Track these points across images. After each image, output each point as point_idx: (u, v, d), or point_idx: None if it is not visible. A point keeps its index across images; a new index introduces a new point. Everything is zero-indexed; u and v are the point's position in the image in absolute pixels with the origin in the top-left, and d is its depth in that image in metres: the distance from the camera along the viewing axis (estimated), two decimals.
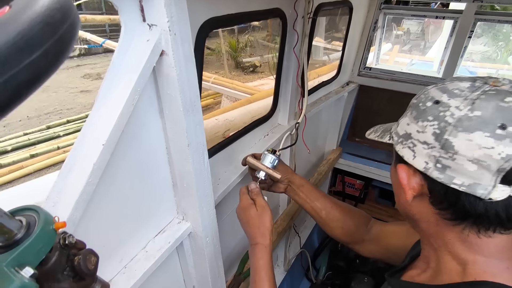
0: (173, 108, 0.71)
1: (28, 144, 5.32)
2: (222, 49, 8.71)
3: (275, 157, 0.95)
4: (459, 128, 0.46)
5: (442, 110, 0.49)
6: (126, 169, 0.71)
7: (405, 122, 0.56)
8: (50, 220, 0.43)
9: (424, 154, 0.50)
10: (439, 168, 0.48)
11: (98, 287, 0.54)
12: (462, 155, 0.46)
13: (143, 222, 0.81)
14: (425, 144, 0.50)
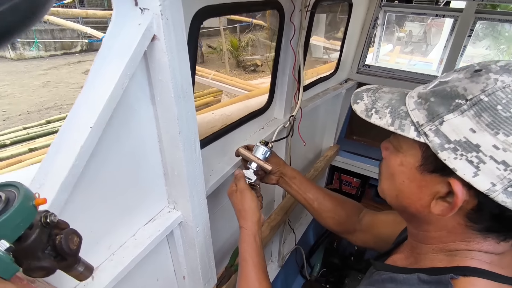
0: (164, 94, 0.71)
1: (27, 138, 5.32)
2: (223, 47, 8.70)
3: (267, 149, 0.95)
4: None
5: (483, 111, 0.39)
6: (115, 155, 0.70)
7: (463, 124, 0.42)
8: (30, 196, 0.42)
9: (495, 176, 0.40)
10: (509, 192, 0.40)
11: (81, 268, 0.54)
12: None
13: (133, 210, 0.81)
14: (503, 165, 0.39)
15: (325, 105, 1.94)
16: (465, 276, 0.46)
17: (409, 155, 0.50)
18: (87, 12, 4.14)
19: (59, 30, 11.21)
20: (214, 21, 8.84)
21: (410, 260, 0.58)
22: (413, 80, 2.00)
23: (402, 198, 0.54)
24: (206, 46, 11.20)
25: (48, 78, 9.19)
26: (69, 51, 11.74)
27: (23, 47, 10.60)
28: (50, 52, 11.35)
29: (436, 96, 0.46)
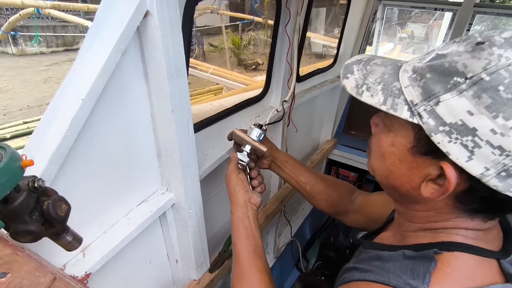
0: (157, 72, 0.71)
1: (27, 132, 5.33)
2: (225, 45, 8.71)
3: (261, 131, 0.95)
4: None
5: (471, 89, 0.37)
6: (108, 131, 0.70)
7: (460, 105, 0.39)
8: (17, 157, 0.42)
9: (490, 160, 0.39)
10: (501, 177, 0.39)
11: (69, 238, 0.54)
12: None
13: (126, 190, 0.81)
14: (499, 150, 0.38)
15: (322, 98, 1.94)
16: (449, 251, 0.46)
17: (401, 135, 0.48)
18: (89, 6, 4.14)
19: (61, 27, 11.22)
20: (216, 19, 8.86)
21: (397, 237, 0.58)
22: None
23: (392, 179, 0.53)
24: (207, 45, 11.21)
25: (49, 74, 9.20)
26: (71, 48, 11.75)
27: (25, 43, 10.62)
28: (51, 49, 11.37)
29: (433, 72, 0.42)
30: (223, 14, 8.16)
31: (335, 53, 1.99)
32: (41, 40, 10.45)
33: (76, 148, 0.63)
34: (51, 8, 4.06)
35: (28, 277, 0.42)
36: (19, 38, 10.31)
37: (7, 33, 5.34)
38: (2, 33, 5.10)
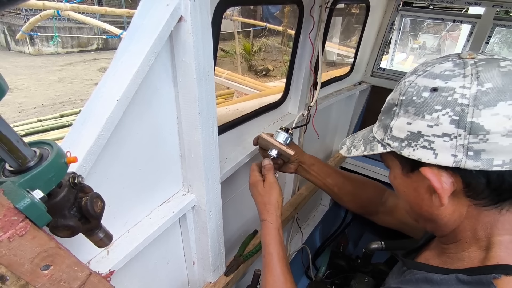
0: (186, 75, 0.73)
1: (41, 130, 5.44)
2: (236, 50, 8.78)
3: (288, 135, 0.96)
4: (480, 106, 0.43)
5: (447, 95, 0.45)
6: (137, 132, 0.72)
7: (401, 123, 0.51)
8: (63, 154, 0.44)
9: (449, 147, 0.45)
10: (472, 156, 0.44)
11: (101, 234, 0.55)
12: (495, 132, 0.42)
13: (149, 190, 0.82)
14: (445, 137, 0.45)
15: (338, 106, 1.94)
16: (507, 275, 0.45)
17: (394, 167, 0.57)
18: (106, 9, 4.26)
19: (76, 28, 11.49)
20: (228, 24, 8.96)
21: (443, 259, 0.56)
22: None
23: (413, 207, 0.57)
24: (219, 49, 11.32)
25: (63, 73, 9.40)
26: (85, 49, 12.00)
27: (42, 43, 10.89)
28: (67, 49, 11.62)
29: (383, 113, 0.58)
30: (236, 20, 8.25)
31: (347, 61, 1.99)
32: (59, 40, 10.71)
33: (108, 147, 0.65)
34: (70, 10, 4.18)
35: (68, 271, 0.43)
36: (36, 38, 10.58)
37: (27, 33, 5.49)
38: (22, 33, 5.25)
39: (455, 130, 0.44)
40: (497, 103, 0.42)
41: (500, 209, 0.47)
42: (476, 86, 0.44)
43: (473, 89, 0.44)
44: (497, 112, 0.42)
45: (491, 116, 0.42)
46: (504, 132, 0.42)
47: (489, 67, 0.44)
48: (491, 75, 0.43)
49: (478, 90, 0.43)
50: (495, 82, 0.43)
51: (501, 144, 0.42)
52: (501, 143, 0.42)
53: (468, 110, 0.43)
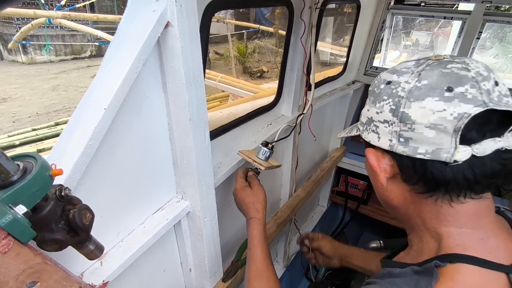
0: (176, 81, 0.72)
1: (36, 139, 5.39)
2: (230, 53, 8.79)
3: (267, 150, 1.03)
4: (411, 99, 0.48)
5: (394, 88, 0.51)
6: (127, 140, 0.71)
7: (365, 109, 0.58)
8: (47, 167, 0.43)
9: (387, 133, 0.51)
10: (402, 142, 0.50)
11: (92, 246, 0.54)
12: (420, 123, 0.47)
13: (142, 198, 0.81)
14: (385, 123, 0.51)
15: (332, 106, 1.94)
16: (452, 263, 0.47)
17: None
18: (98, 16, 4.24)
19: (69, 36, 11.44)
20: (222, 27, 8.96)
21: (412, 254, 0.59)
22: None
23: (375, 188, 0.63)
24: (213, 53, 11.32)
25: (57, 81, 9.35)
26: (79, 56, 11.95)
27: (35, 51, 10.83)
28: (60, 57, 11.57)
29: None
30: (229, 23, 8.25)
31: (340, 61, 2.00)
32: (52, 48, 10.65)
33: (97, 157, 0.64)
34: (62, 18, 4.15)
35: (56, 287, 0.42)
36: (29, 47, 10.52)
37: (19, 42, 5.46)
38: (14, 42, 5.21)
39: (392, 118, 0.50)
40: (426, 98, 0.46)
41: (435, 200, 0.51)
42: (415, 82, 0.48)
43: (411, 84, 0.49)
44: (424, 106, 0.46)
45: (419, 109, 0.47)
46: (427, 124, 0.46)
47: (435, 67, 0.48)
48: (431, 74, 0.47)
49: (414, 86, 0.48)
50: (430, 80, 0.47)
51: (425, 135, 0.47)
52: (425, 134, 0.47)
53: (402, 102, 0.49)
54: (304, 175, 1.81)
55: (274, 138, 1.16)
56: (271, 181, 1.47)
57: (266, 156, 1.03)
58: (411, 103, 0.48)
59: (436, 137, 0.46)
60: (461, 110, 0.44)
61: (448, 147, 0.45)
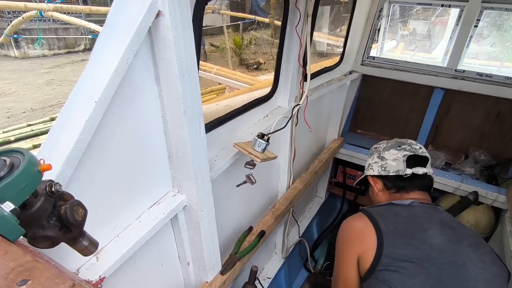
0: (169, 72, 0.70)
1: (32, 135, 5.34)
2: (226, 45, 8.68)
3: (263, 141, 1.02)
4: (384, 151, 1.11)
5: (377, 149, 1.15)
6: (120, 134, 0.70)
7: (367, 162, 1.18)
8: (35, 162, 0.42)
9: (376, 167, 1.11)
10: (382, 170, 1.09)
11: (86, 242, 0.53)
12: (389, 159, 1.08)
13: (137, 193, 0.80)
14: (375, 164, 1.13)
15: (329, 97, 1.93)
16: None
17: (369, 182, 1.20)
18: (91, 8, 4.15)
19: (62, 29, 11.24)
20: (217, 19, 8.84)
21: None
22: (418, 71, 1.98)
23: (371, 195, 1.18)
24: (209, 45, 11.19)
25: (51, 76, 9.21)
26: (73, 50, 11.77)
27: (27, 45, 10.65)
28: (54, 51, 11.39)
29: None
30: (224, 14, 8.13)
31: (337, 51, 1.97)
32: (44, 42, 10.47)
33: (89, 151, 0.63)
34: (53, 11, 4.07)
35: (48, 284, 0.41)
36: (21, 41, 10.34)
37: (10, 36, 5.35)
38: (5, 36, 5.11)
39: (377, 160, 1.12)
40: (390, 150, 1.10)
41: (395, 192, 1.06)
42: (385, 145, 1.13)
43: (384, 146, 1.13)
44: (390, 152, 1.09)
45: (388, 154, 1.09)
46: (392, 159, 1.07)
47: (394, 145, 1.11)
48: (391, 143, 1.12)
49: (385, 147, 1.13)
50: (391, 144, 1.11)
51: (391, 164, 1.07)
52: (391, 163, 1.07)
53: (381, 152, 1.11)
54: (301, 166, 1.80)
55: (271, 130, 1.14)
56: (269, 173, 1.46)
57: (262, 148, 1.02)
58: (385, 152, 1.11)
59: (397, 165, 1.06)
60: (404, 153, 1.06)
61: (402, 169, 1.05)
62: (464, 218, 1.79)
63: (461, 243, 0.87)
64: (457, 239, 0.88)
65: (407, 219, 0.92)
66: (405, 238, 0.87)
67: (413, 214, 0.93)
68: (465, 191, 1.81)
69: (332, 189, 2.41)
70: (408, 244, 0.85)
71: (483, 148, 2.08)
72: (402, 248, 0.85)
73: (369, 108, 2.33)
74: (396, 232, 0.88)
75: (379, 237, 0.87)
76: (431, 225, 0.90)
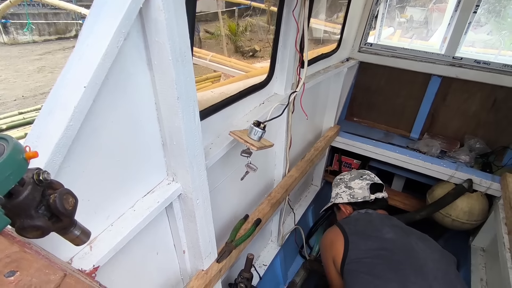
0: (161, 57, 0.67)
1: (24, 123, 5.25)
2: (221, 31, 8.52)
3: (259, 129, 1.00)
4: (350, 181, 1.42)
5: (342, 179, 1.47)
6: (111, 121, 0.67)
7: (334, 192, 1.45)
8: (20, 149, 0.40)
9: (345, 195, 1.39)
10: (351, 197, 1.38)
11: (77, 232, 0.52)
12: (355, 188, 1.39)
13: (131, 181, 0.79)
14: (343, 192, 1.40)
15: (326, 84, 1.90)
16: None
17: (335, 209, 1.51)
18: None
19: (52, 14, 10.93)
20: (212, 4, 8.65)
21: None
22: (415, 58, 1.96)
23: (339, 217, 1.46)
24: (203, 31, 10.98)
25: (42, 63, 9.01)
26: (64, 36, 11.47)
27: (16, 31, 10.36)
28: (44, 37, 11.10)
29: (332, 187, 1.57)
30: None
31: (334, 38, 1.94)
32: (33, 27, 10.18)
33: (80, 139, 0.60)
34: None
35: (38, 275, 0.40)
36: (10, 26, 10.05)
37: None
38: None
39: (345, 189, 1.42)
40: (355, 180, 1.42)
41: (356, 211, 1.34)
42: (350, 176, 1.46)
43: (349, 177, 1.46)
44: (355, 182, 1.41)
45: (353, 183, 1.40)
46: (358, 188, 1.39)
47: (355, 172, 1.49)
48: (354, 174, 1.46)
49: (350, 177, 1.45)
50: (354, 175, 1.45)
51: (357, 192, 1.38)
52: (358, 191, 1.38)
53: (348, 182, 1.43)
54: (297, 154, 1.79)
55: (267, 117, 1.12)
56: (265, 161, 1.45)
57: (258, 136, 1.01)
58: (351, 182, 1.41)
59: (362, 193, 1.37)
60: (367, 182, 1.38)
61: (368, 195, 1.35)
62: (458, 205, 1.81)
63: (410, 237, 1.14)
64: (407, 234, 1.15)
65: (365, 222, 1.23)
66: (364, 235, 1.14)
67: (370, 218, 1.25)
68: (459, 179, 1.83)
69: (328, 177, 2.42)
70: (367, 240, 1.12)
71: (478, 136, 2.09)
72: (363, 244, 1.11)
73: (365, 96, 2.32)
74: (358, 233, 1.16)
75: (346, 238, 1.14)
76: (384, 226, 1.17)
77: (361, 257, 1.07)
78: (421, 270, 1.01)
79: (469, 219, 1.81)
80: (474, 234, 1.92)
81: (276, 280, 1.79)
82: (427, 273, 1.00)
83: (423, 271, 1.01)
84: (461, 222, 1.83)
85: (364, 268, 1.04)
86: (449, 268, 1.06)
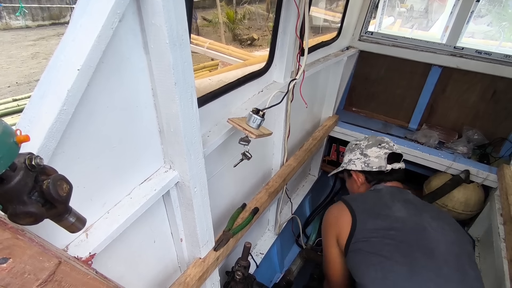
0: (158, 40, 0.65)
1: (18, 110, 5.19)
2: (219, 19, 8.38)
3: (258, 117, 0.98)
4: (367, 148, 1.25)
5: (359, 145, 1.28)
6: (106, 106, 0.65)
7: (346, 157, 1.32)
8: (11, 132, 0.38)
9: (359, 163, 1.25)
10: (366, 166, 1.23)
11: (72, 219, 0.51)
12: (371, 156, 1.23)
13: (127, 168, 0.77)
14: (358, 159, 1.26)
15: (325, 73, 1.88)
16: None
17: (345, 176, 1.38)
18: None
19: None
20: None
21: None
22: (416, 48, 1.93)
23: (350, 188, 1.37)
24: (201, 19, 10.80)
25: (36, 49, 8.84)
26: (58, 21, 11.23)
27: (9, 16, 10.12)
28: (37, 22, 10.86)
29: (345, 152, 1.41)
30: None
31: (333, 27, 1.90)
32: (26, 11, 9.94)
33: (74, 124, 0.59)
34: None
35: (31, 262, 0.39)
36: (2, 11, 9.80)
37: None
38: None
39: (360, 156, 1.26)
40: (372, 147, 1.24)
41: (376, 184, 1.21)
42: (367, 142, 1.28)
43: (366, 143, 1.28)
44: (372, 150, 1.24)
45: (370, 151, 1.23)
46: (375, 156, 1.22)
47: (373, 139, 1.30)
48: (372, 140, 1.28)
49: (367, 144, 1.27)
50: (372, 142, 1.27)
51: (373, 160, 1.22)
52: (373, 160, 1.22)
53: (364, 149, 1.25)
54: (295, 144, 1.78)
55: (266, 105, 1.11)
56: (263, 150, 1.44)
57: (257, 123, 0.99)
58: (367, 149, 1.24)
59: (378, 162, 1.21)
60: (385, 151, 1.22)
61: (384, 165, 1.20)
62: (454, 196, 1.82)
63: (422, 215, 1.04)
64: (419, 212, 1.05)
65: (374, 199, 1.12)
66: (373, 214, 1.04)
67: (379, 195, 1.13)
68: (457, 169, 1.83)
69: (325, 167, 2.41)
70: (375, 218, 1.03)
71: (477, 127, 2.09)
72: (371, 223, 1.02)
73: (365, 85, 2.30)
74: (365, 211, 1.06)
75: (353, 216, 1.04)
76: (395, 203, 1.07)
77: (369, 237, 0.99)
78: (432, 252, 0.96)
79: (465, 209, 1.83)
80: (469, 225, 1.94)
81: (272, 268, 1.80)
82: (438, 256, 0.95)
83: (434, 254, 0.96)
84: (457, 212, 1.84)
85: (371, 249, 0.97)
86: (462, 251, 0.99)
